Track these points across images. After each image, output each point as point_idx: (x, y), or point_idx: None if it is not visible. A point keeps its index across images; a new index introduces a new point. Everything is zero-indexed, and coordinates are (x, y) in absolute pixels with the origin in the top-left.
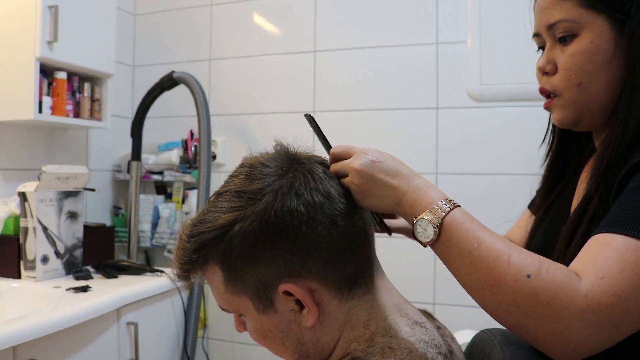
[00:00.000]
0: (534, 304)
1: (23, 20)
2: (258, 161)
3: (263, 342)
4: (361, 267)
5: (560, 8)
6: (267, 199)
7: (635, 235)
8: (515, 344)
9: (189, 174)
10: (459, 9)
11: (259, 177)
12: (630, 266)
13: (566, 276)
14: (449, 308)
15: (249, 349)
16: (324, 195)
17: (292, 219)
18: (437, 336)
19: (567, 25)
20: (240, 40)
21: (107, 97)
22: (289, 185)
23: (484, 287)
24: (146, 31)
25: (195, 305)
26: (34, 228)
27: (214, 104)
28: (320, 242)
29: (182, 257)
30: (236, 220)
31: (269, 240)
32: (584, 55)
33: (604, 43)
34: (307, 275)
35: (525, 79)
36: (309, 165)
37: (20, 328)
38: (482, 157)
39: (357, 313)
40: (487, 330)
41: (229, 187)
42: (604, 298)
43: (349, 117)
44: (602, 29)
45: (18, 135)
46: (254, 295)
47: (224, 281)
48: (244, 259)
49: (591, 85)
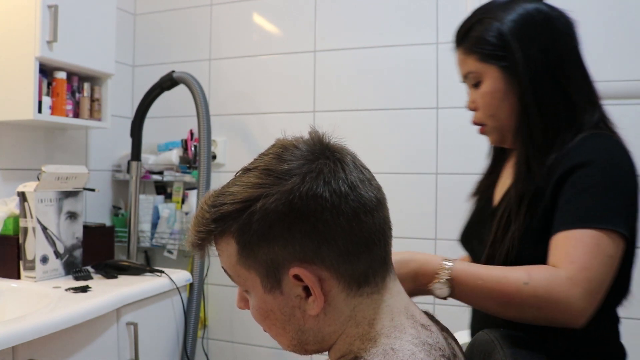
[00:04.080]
0: (538, 300)
1: (23, 19)
2: (291, 143)
3: (263, 322)
4: (374, 266)
5: (466, 64)
6: (294, 181)
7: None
8: (515, 344)
9: (189, 174)
10: (459, 9)
11: (289, 159)
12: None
13: (549, 271)
14: (449, 308)
15: (249, 349)
16: (350, 187)
17: (315, 204)
18: (441, 339)
19: (474, 75)
20: (240, 40)
21: (107, 97)
22: (318, 171)
23: (500, 306)
24: (146, 31)
25: (195, 305)
26: (34, 228)
27: (214, 104)
28: (339, 232)
29: (199, 226)
30: (260, 196)
31: (289, 221)
32: (489, 94)
33: (498, 84)
34: (319, 263)
35: None
36: (340, 155)
37: (20, 328)
38: (482, 157)
39: (363, 310)
40: (488, 330)
41: (257, 165)
42: (580, 274)
43: (349, 117)
44: (495, 75)
45: (18, 135)
46: (263, 273)
47: (236, 254)
48: (261, 236)
49: (500, 115)
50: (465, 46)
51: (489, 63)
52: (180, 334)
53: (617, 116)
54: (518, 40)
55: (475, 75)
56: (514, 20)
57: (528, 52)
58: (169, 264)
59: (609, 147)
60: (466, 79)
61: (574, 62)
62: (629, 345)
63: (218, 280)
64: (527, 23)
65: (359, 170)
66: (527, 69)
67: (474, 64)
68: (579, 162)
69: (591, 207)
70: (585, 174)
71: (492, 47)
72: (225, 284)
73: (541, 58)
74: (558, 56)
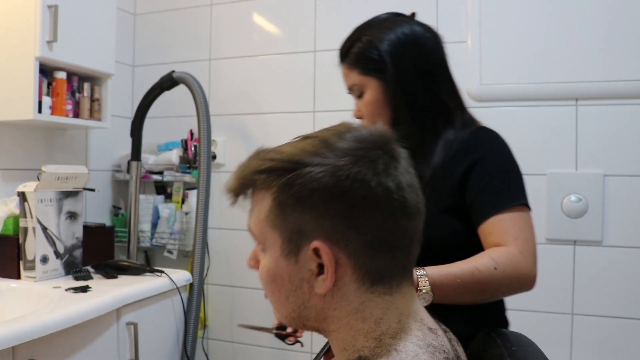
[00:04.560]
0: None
1: (23, 20)
2: (355, 127)
3: (269, 285)
4: (392, 269)
5: (350, 77)
6: (347, 160)
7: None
8: (517, 343)
9: (189, 174)
10: (459, 9)
11: (349, 139)
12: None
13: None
14: None
15: (249, 349)
16: (397, 186)
17: (359, 189)
18: (446, 342)
19: (357, 87)
20: (240, 40)
21: (107, 97)
22: (372, 160)
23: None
24: (146, 31)
25: (195, 305)
26: (34, 228)
27: (214, 104)
28: (372, 224)
29: (244, 174)
30: (310, 163)
31: (329, 195)
32: (371, 104)
33: (378, 94)
34: (342, 247)
35: (525, 79)
36: (397, 155)
37: (20, 328)
38: None
39: (372, 307)
40: (489, 330)
41: (317, 135)
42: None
43: (349, 117)
44: (375, 86)
45: (17, 135)
46: (287, 236)
47: (268, 210)
48: (298, 200)
49: (383, 119)
50: (348, 61)
51: (369, 76)
52: (180, 334)
53: (617, 116)
54: (391, 56)
55: (358, 87)
56: (389, 39)
57: (400, 66)
58: (169, 264)
59: (495, 137)
60: (351, 91)
61: (443, 73)
62: (630, 345)
63: (218, 280)
64: (400, 41)
65: (410, 175)
66: (399, 80)
67: (357, 77)
68: (480, 156)
69: (505, 190)
70: (490, 164)
71: (370, 62)
72: (225, 284)
73: (413, 71)
74: (428, 69)
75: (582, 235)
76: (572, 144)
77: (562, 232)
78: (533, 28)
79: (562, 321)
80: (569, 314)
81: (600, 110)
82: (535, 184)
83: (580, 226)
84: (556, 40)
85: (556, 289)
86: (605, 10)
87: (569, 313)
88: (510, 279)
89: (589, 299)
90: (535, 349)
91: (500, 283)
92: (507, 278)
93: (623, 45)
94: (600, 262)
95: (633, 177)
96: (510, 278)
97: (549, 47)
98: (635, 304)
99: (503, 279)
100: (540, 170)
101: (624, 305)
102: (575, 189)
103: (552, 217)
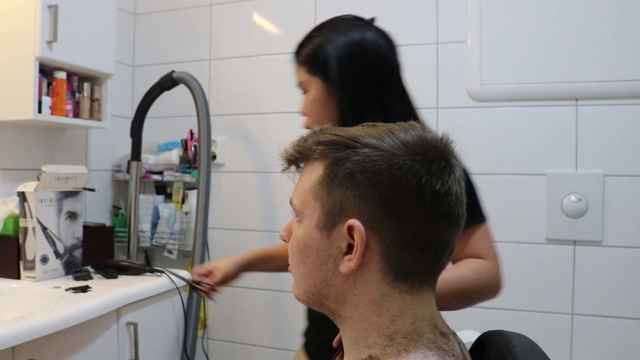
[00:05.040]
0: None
1: (23, 20)
2: (420, 127)
3: (297, 256)
4: (418, 270)
5: (299, 73)
6: (406, 152)
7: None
8: (519, 345)
9: (189, 174)
10: (459, 9)
11: (414, 137)
12: (489, 237)
13: (484, 263)
14: None
15: (249, 349)
16: (446, 191)
17: (409, 182)
18: (457, 347)
19: (303, 85)
20: (240, 40)
21: (107, 97)
22: (429, 160)
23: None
24: (146, 31)
25: (195, 306)
26: (34, 228)
27: (214, 104)
28: (411, 219)
29: (304, 142)
30: (370, 144)
31: (378, 179)
32: (313, 102)
33: (320, 94)
34: (376, 233)
35: (525, 78)
36: (454, 163)
37: (20, 328)
38: (482, 157)
39: (389, 302)
40: (491, 331)
41: (385, 125)
42: (496, 259)
43: None
44: (318, 85)
45: (18, 135)
46: (327, 209)
47: (316, 181)
48: (348, 176)
49: (323, 120)
50: (299, 59)
51: (314, 75)
52: (180, 334)
53: (617, 116)
54: (337, 59)
55: (304, 85)
56: (338, 42)
57: (345, 70)
58: (169, 264)
59: None
60: (299, 87)
61: (392, 79)
62: (630, 345)
63: None
64: (348, 45)
65: (460, 188)
66: (342, 83)
67: (303, 75)
68: None
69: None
70: None
71: (317, 62)
72: None
73: (357, 75)
74: (375, 75)
75: (582, 235)
76: (572, 144)
77: (562, 232)
78: (533, 28)
79: (562, 321)
80: (569, 314)
81: (600, 110)
82: (535, 184)
83: (580, 226)
84: (556, 40)
85: (556, 289)
86: (606, 10)
87: (569, 313)
88: (490, 289)
89: (589, 299)
90: (538, 350)
91: (481, 292)
92: (488, 289)
93: (623, 45)
94: (600, 262)
95: (633, 177)
96: (490, 288)
97: (549, 47)
98: (635, 304)
99: (484, 289)
100: (540, 170)
101: (624, 305)
102: (575, 189)
103: (552, 217)
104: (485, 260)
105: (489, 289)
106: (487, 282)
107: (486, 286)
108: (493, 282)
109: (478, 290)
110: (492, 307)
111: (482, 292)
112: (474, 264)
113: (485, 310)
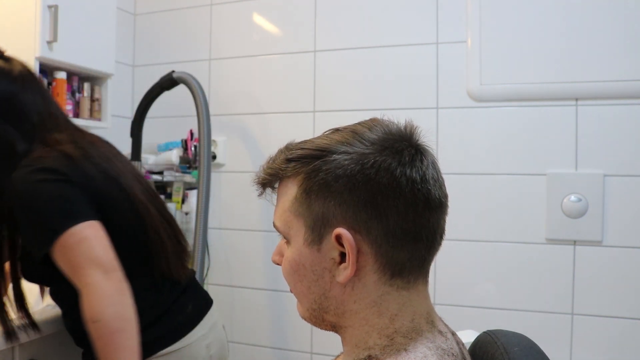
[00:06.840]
0: (103, 320)
1: (23, 20)
2: (385, 122)
3: (292, 276)
4: (412, 262)
5: None
6: (375, 149)
7: (58, 235)
8: (518, 345)
9: (189, 174)
10: (459, 9)
11: (379, 132)
12: (78, 249)
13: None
14: (449, 308)
15: (248, 349)
16: (421, 178)
17: (384, 177)
18: (455, 345)
19: None
20: (240, 40)
21: (107, 97)
22: (398, 151)
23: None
24: (146, 31)
25: None
26: None
27: (214, 104)
28: (394, 212)
29: (272, 163)
30: (338, 151)
31: (354, 183)
32: None
33: None
34: (364, 235)
35: (525, 79)
36: (423, 150)
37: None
38: (482, 157)
39: (389, 301)
40: (490, 331)
41: (348, 127)
42: (88, 277)
43: (349, 117)
44: None
45: None
46: (310, 225)
47: (293, 199)
48: (322, 187)
49: None
50: None
51: None
52: None
53: (617, 116)
54: None
55: None
56: None
57: None
58: None
59: None
60: None
61: (12, 111)
62: (630, 345)
63: (218, 280)
64: None
65: (435, 170)
66: None
67: None
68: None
69: (40, 228)
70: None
71: None
72: (225, 284)
73: None
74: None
75: (582, 235)
76: (572, 144)
77: (562, 232)
78: (533, 28)
79: (562, 321)
80: (569, 314)
81: (600, 110)
82: (535, 184)
83: (580, 226)
84: (556, 40)
85: (556, 289)
86: (606, 10)
87: (569, 313)
88: (107, 324)
89: (589, 299)
90: (537, 350)
91: (114, 333)
92: (107, 325)
93: (623, 45)
94: (600, 262)
95: (633, 177)
96: (106, 323)
97: (549, 47)
98: (635, 304)
99: (110, 327)
100: (540, 170)
101: (624, 305)
102: (575, 189)
103: (552, 217)
104: (80, 291)
105: (108, 324)
106: (101, 318)
107: (105, 324)
108: (99, 314)
109: (110, 334)
110: (492, 307)
111: (114, 332)
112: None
113: (485, 310)
